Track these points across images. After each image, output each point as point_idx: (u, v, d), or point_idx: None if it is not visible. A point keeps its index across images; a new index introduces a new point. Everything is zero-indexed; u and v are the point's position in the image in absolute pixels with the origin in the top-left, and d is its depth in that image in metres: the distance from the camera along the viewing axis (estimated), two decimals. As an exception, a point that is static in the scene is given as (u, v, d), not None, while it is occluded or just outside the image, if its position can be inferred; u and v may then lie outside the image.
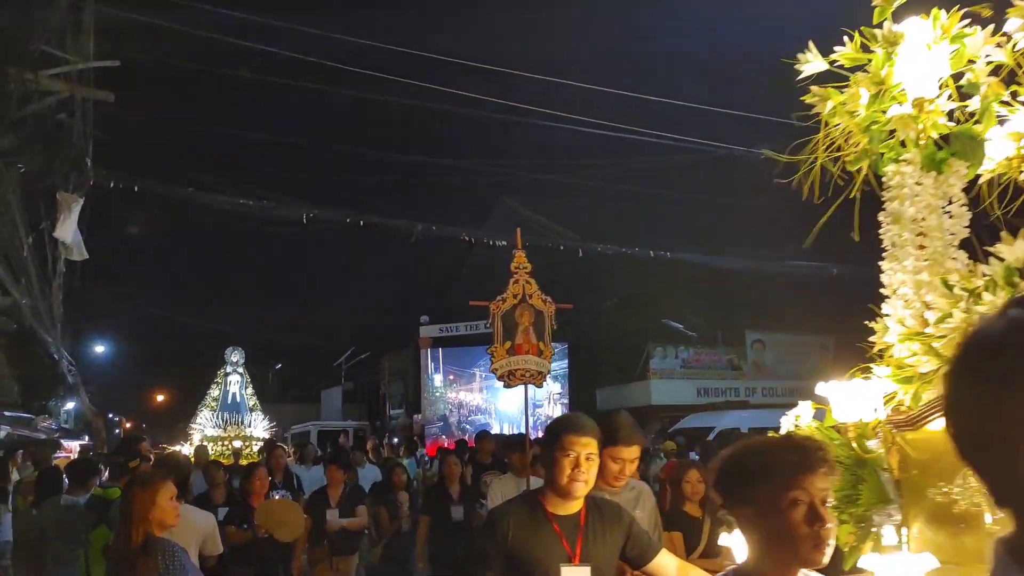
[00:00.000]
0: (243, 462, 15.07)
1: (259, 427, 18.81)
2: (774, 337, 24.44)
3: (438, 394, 24.66)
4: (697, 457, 12.83)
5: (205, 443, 15.71)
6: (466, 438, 18.28)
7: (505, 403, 23.99)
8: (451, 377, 24.64)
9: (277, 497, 7.32)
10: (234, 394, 18.94)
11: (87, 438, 22.20)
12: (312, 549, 7.49)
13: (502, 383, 6.99)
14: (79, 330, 30.20)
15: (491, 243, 18.79)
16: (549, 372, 7.27)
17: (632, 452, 3.98)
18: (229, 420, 18.49)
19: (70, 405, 36.00)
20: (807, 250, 22.47)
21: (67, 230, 10.90)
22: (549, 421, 19.92)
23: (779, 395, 22.91)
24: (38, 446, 11.67)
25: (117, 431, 38.63)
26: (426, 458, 14.54)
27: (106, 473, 7.64)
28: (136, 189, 11.97)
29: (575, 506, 3.08)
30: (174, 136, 13.42)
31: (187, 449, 18.34)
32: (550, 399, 24.05)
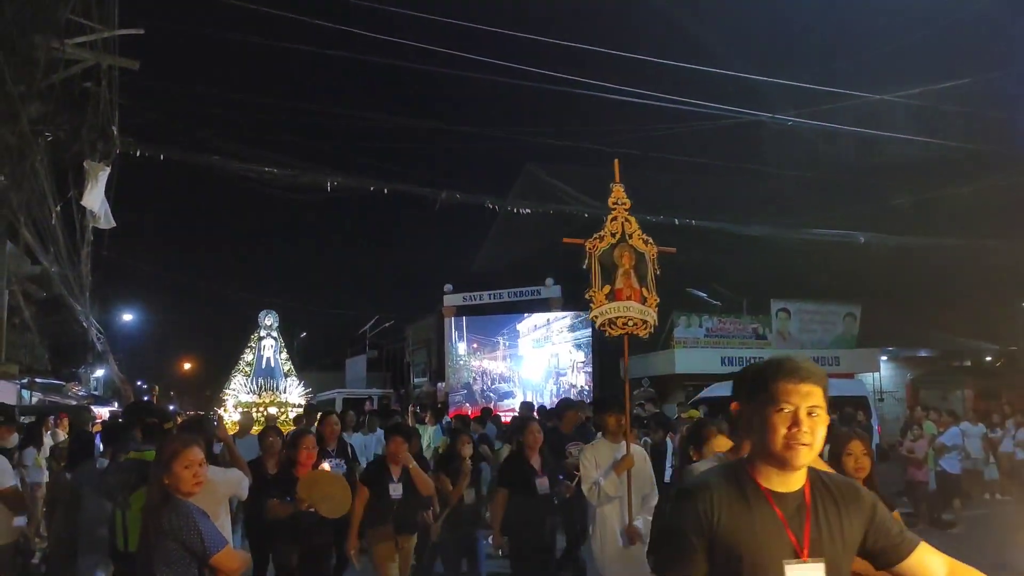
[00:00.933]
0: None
1: (294, 393, 18.38)
2: (799, 306, 24.29)
3: (462, 362, 24.77)
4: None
5: (247, 409, 15.06)
6: (491, 406, 18.38)
7: (528, 371, 24.07)
8: (475, 345, 24.73)
9: (327, 467, 6.76)
10: (268, 359, 18.59)
11: (116, 404, 22.52)
12: (373, 527, 6.70)
13: (602, 331, 6.45)
14: (108, 298, 30.57)
15: (515, 211, 18.73)
16: (655, 323, 6.73)
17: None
18: (264, 386, 18.04)
19: (100, 372, 36.58)
20: (833, 218, 22.36)
21: (94, 198, 10.98)
22: (573, 388, 19.75)
23: (804, 364, 22.81)
24: (74, 411, 11.86)
25: (146, 398, 39.19)
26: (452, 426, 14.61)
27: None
28: (162, 158, 12.04)
29: (797, 481, 2.31)
30: (199, 104, 13.45)
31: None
32: (573, 367, 24.10)
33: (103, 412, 20.36)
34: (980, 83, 23.52)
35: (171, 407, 38.39)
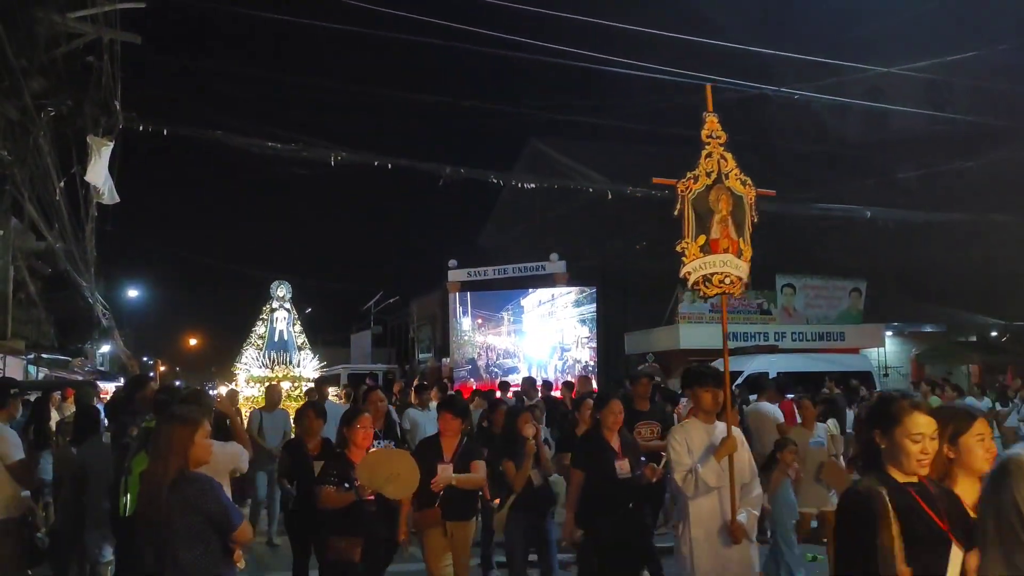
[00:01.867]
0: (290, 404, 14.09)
1: (308, 366, 17.37)
2: (804, 281, 24.23)
3: (466, 338, 24.79)
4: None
5: (274, 382, 14.21)
6: (497, 381, 18.40)
7: (533, 346, 24.10)
8: (479, 321, 24.73)
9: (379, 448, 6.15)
10: (281, 331, 17.39)
11: (122, 380, 22.58)
12: (420, 512, 6.10)
13: (694, 291, 5.62)
14: (113, 274, 30.64)
15: (520, 186, 18.67)
16: (749, 282, 5.83)
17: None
18: (276, 359, 16.94)
19: (105, 348, 36.72)
20: (839, 193, 22.25)
21: (98, 174, 10.96)
22: (578, 364, 19.75)
23: (809, 340, 22.81)
24: (80, 385, 11.86)
25: (151, 373, 39.33)
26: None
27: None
28: (164, 132, 11.99)
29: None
30: (202, 79, 13.40)
31: (220, 390, 17.68)
32: (578, 343, 24.12)
33: (108, 388, 20.40)
34: (989, 56, 23.30)
35: (176, 383, 38.59)
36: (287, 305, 17.62)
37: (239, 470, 5.18)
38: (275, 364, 16.76)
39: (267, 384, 13.04)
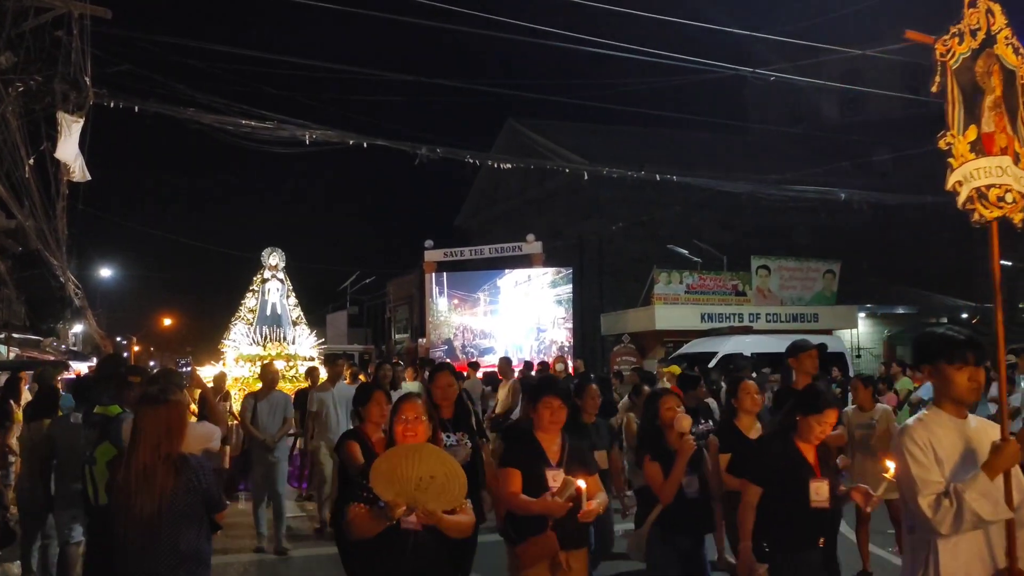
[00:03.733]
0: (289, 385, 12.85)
1: (304, 343, 15.51)
2: (779, 262, 24.39)
3: (443, 318, 24.77)
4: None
5: (267, 360, 12.80)
6: (477, 361, 18.41)
7: (509, 327, 24.13)
8: (456, 301, 24.71)
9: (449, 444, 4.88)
10: (274, 304, 15.49)
11: (95, 360, 22.39)
12: (526, 543, 4.30)
13: (967, 211, 3.72)
14: (86, 253, 30.32)
15: (496, 166, 18.60)
16: None
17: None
18: (269, 335, 15.08)
19: (78, 328, 36.41)
20: (814, 175, 22.35)
21: (68, 151, 10.81)
22: (554, 344, 19.72)
23: (783, 321, 22.99)
24: (44, 367, 11.69)
25: (125, 354, 39.04)
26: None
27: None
28: (136, 109, 11.84)
29: None
30: (174, 54, 13.21)
31: (207, 371, 14.95)
32: (554, 323, 24.17)
33: (81, 367, 20.23)
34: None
35: (151, 363, 38.32)
36: (280, 275, 15.78)
37: (211, 449, 5.01)
38: (267, 341, 15.00)
39: (262, 364, 11.66)
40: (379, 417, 4.89)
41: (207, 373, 13.33)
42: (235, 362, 14.70)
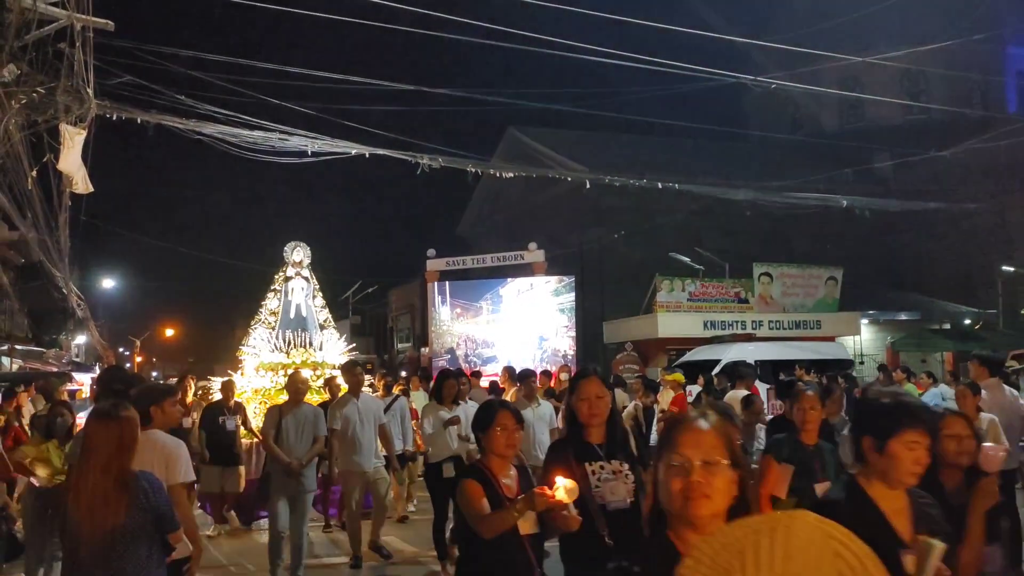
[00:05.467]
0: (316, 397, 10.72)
1: (332, 349, 13.44)
2: (781, 269, 24.40)
3: (445, 327, 24.77)
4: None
5: (294, 369, 10.95)
6: (479, 370, 18.40)
7: (512, 335, 24.13)
8: (458, 310, 24.72)
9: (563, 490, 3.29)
10: (298, 305, 13.52)
11: (98, 371, 22.39)
12: None
13: None
14: (88, 264, 30.37)
15: (498, 175, 18.64)
16: None
17: None
18: (293, 341, 13.11)
19: (81, 339, 36.44)
20: (816, 182, 22.35)
21: (71, 163, 10.84)
22: (557, 354, 19.74)
23: (785, 328, 22.98)
24: (47, 379, 11.67)
25: (128, 365, 39.03)
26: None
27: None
28: (139, 121, 11.88)
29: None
30: (176, 65, 13.25)
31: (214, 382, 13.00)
32: (557, 332, 24.16)
33: (84, 379, 20.23)
34: (963, 46, 23.46)
35: (154, 373, 38.34)
36: (305, 272, 13.76)
37: (174, 476, 4.38)
38: (291, 347, 13.04)
39: (289, 372, 10.28)
40: (506, 448, 3.72)
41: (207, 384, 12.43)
42: (255, 371, 12.81)
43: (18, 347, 24.61)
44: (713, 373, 15.59)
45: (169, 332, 53.15)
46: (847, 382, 16.68)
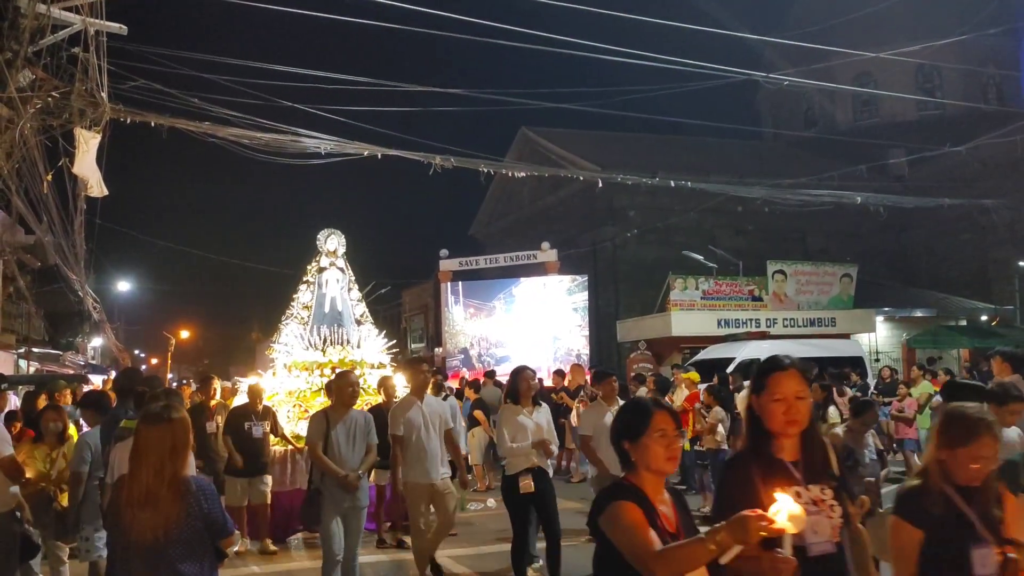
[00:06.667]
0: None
1: (372, 347, 12.06)
2: (795, 267, 24.29)
3: (458, 327, 24.79)
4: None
5: (353, 369, 9.65)
6: (494, 369, 18.41)
7: (525, 335, 24.12)
8: (471, 310, 24.75)
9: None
10: (333, 298, 12.20)
11: (114, 374, 22.51)
12: None
13: None
14: (104, 267, 30.57)
15: (510, 175, 18.63)
16: None
17: None
18: (329, 338, 11.65)
19: (97, 341, 36.66)
20: (830, 179, 22.27)
21: (86, 166, 10.90)
22: (570, 353, 19.74)
23: (800, 325, 22.88)
24: (53, 382, 11.62)
25: (144, 367, 39.24)
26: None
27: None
28: (152, 124, 11.93)
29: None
30: (190, 68, 13.31)
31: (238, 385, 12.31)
32: (570, 331, 24.15)
33: (99, 381, 20.35)
34: (978, 40, 23.32)
35: (169, 375, 38.51)
36: (340, 263, 12.43)
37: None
38: (326, 344, 11.61)
39: (329, 372, 9.39)
40: (667, 461, 2.81)
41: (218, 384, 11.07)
42: (287, 371, 11.54)
43: (35, 350, 24.78)
44: (727, 371, 15.55)
45: (184, 334, 53.38)
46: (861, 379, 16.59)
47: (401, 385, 9.55)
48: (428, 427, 7.11)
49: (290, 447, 9.76)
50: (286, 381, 11.29)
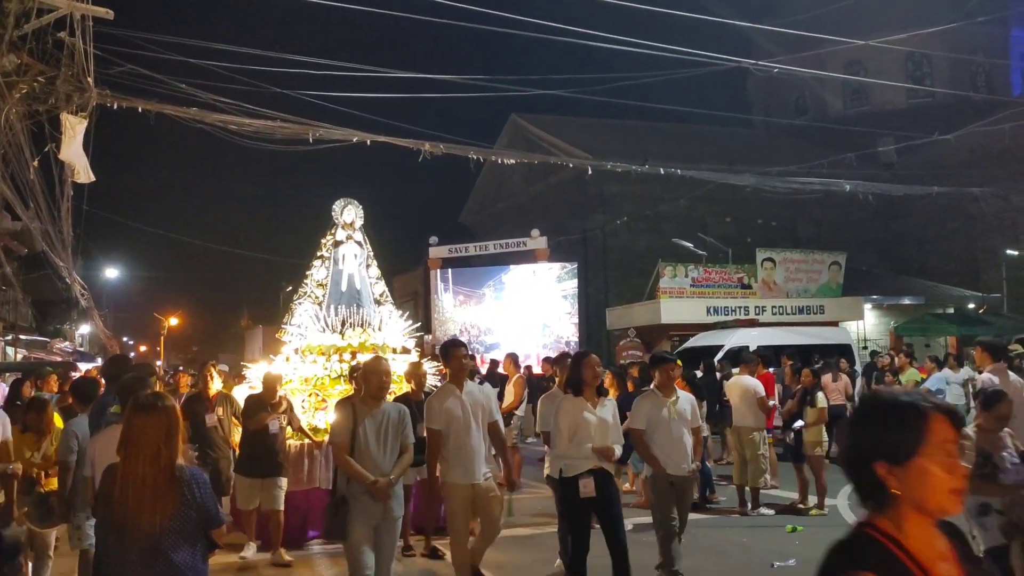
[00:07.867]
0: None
1: (394, 329, 10.86)
2: (784, 255, 24.35)
3: (448, 314, 24.79)
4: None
5: (382, 354, 8.70)
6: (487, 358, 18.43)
7: (515, 322, 24.14)
8: (461, 297, 24.74)
9: None
10: (351, 275, 10.82)
11: (102, 361, 22.44)
12: None
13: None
14: (92, 253, 30.42)
15: (500, 162, 18.59)
16: None
17: None
18: (348, 319, 10.36)
19: (85, 328, 36.54)
20: (819, 167, 22.31)
21: (72, 152, 10.82)
22: (560, 340, 19.82)
23: (789, 313, 22.95)
24: (37, 369, 11.57)
25: (132, 354, 39.13)
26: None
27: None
28: (140, 110, 11.84)
29: None
30: (176, 53, 13.20)
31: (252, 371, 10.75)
32: (560, 319, 24.17)
33: (87, 368, 20.27)
34: (968, 29, 23.35)
35: (157, 362, 38.42)
36: (357, 236, 11.11)
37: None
38: (344, 327, 10.32)
39: (366, 359, 6.84)
40: (948, 494, 1.77)
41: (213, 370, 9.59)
42: (300, 355, 10.30)
43: (22, 337, 24.68)
44: (716, 359, 15.60)
45: (173, 321, 53.19)
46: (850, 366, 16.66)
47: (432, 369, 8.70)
48: (469, 420, 6.17)
49: (307, 441, 8.70)
50: (300, 367, 10.10)
